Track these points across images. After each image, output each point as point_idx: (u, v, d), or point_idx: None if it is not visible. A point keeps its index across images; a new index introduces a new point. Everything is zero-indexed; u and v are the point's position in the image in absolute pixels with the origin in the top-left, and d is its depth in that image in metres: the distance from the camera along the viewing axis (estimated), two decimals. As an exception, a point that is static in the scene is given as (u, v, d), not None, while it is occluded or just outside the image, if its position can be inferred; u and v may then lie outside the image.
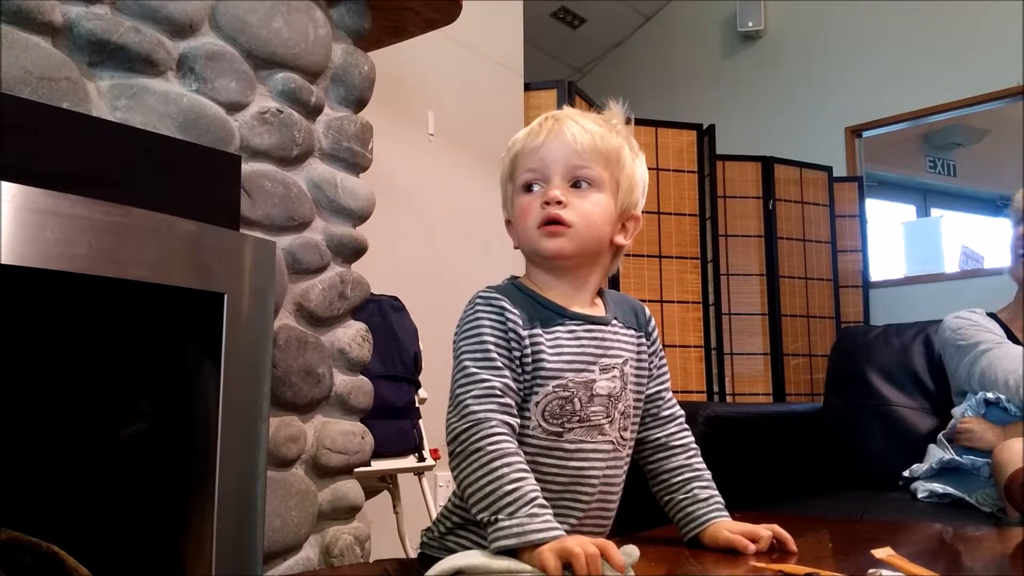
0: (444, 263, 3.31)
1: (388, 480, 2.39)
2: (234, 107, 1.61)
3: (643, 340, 1.24)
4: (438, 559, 1.13)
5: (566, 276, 1.19)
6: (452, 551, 1.13)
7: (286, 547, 1.66)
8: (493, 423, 1.02)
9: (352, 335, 1.86)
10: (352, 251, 1.86)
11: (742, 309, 4.65)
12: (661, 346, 1.30)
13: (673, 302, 4.31)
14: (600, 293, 1.23)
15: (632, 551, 0.94)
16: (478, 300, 1.14)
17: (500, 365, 1.07)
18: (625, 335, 1.21)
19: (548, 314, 1.15)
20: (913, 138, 6.02)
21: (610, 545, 0.92)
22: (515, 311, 1.12)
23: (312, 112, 1.78)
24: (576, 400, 1.12)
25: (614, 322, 1.20)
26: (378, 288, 2.11)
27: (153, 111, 1.46)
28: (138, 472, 1.48)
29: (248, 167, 1.63)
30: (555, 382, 1.12)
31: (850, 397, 2.39)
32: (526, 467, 1.01)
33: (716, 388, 4.43)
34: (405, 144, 3.16)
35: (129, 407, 1.54)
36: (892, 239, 5.87)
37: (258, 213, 1.64)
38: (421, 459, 2.36)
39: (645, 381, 1.24)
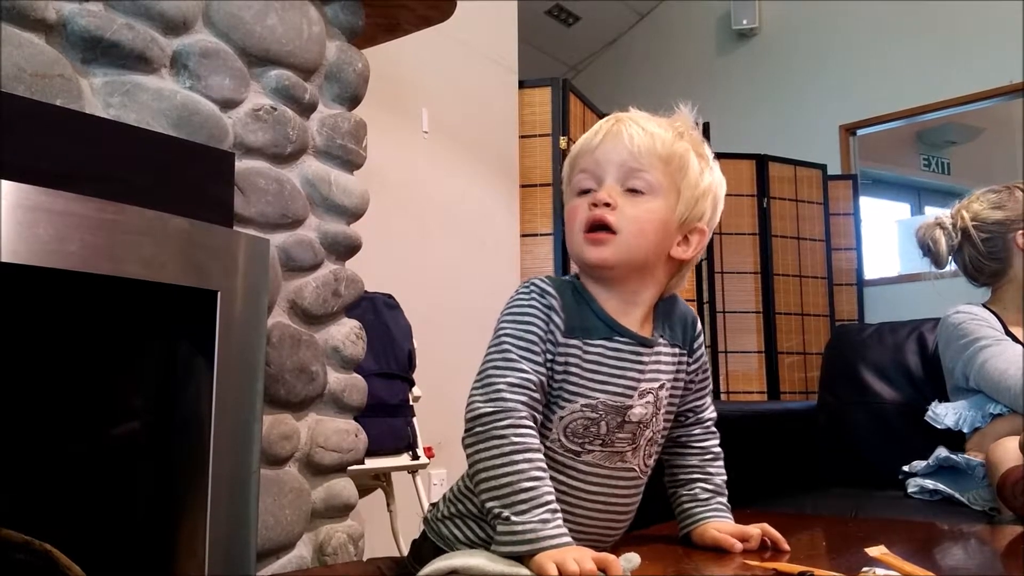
0: (438, 260, 3.30)
1: (382, 478, 2.39)
2: (228, 104, 1.61)
3: (684, 358, 1.18)
4: (433, 543, 1.13)
5: (614, 288, 1.12)
6: (445, 540, 1.12)
7: (279, 545, 1.66)
8: (523, 414, 0.99)
9: (346, 333, 1.85)
10: (346, 248, 1.86)
11: (736, 307, 4.66)
12: (706, 359, 1.25)
13: (667, 300, 4.31)
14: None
15: (632, 558, 0.93)
16: (534, 288, 1.08)
17: (540, 361, 1.03)
18: (667, 355, 1.15)
19: (597, 325, 1.09)
20: (907, 136, 6.03)
21: (612, 562, 0.91)
22: (561, 315, 1.07)
23: (306, 109, 1.78)
24: (603, 424, 1.08)
25: (660, 341, 1.14)
26: (372, 285, 2.10)
27: (146, 108, 1.46)
28: (131, 470, 1.48)
29: (242, 164, 1.63)
30: (584, 401, 1.07)
31: (844, 395, 2.38)
32: (545, 467, 0.99)
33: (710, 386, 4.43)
34: (399, 141, 3.16)
35: (122, 405, 1.54)
36: (886, 237, 5.88)
37: (251, 210, 1.63)
38: (415, 457, 2.36)
39: (678, 400, 1.19)
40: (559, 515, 0.96)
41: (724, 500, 1.20)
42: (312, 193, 1.79)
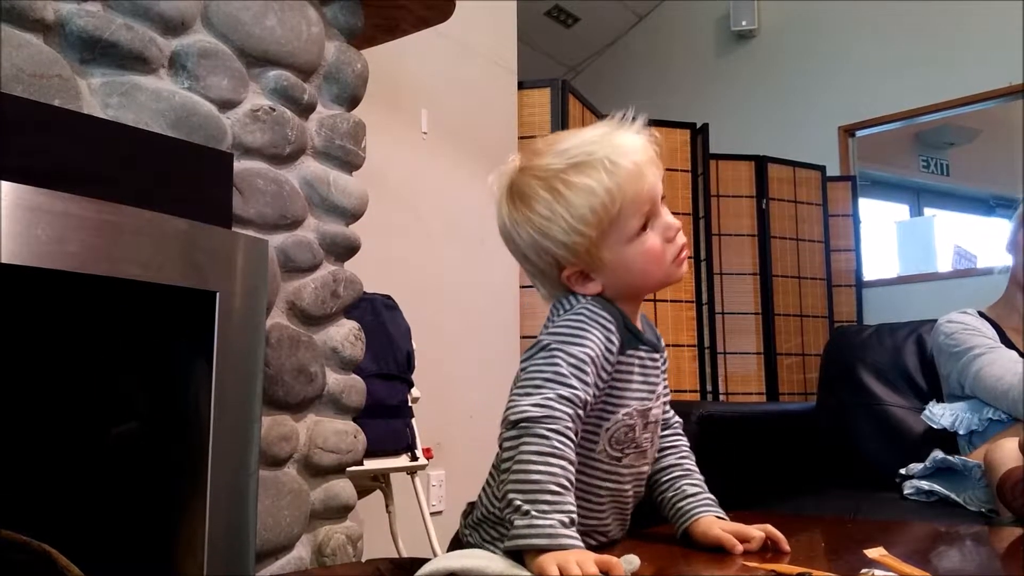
0: (437, 261, 3.30)
1: (381, 479, 2.39)
2: (226, 105, 1.61)
3: (659, 359, 1.23)
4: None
5: (637, 302, 1.19)
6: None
7: (278, 546, 1.66)
8: (567, 423, 1.00)
9: (345, 334, 1.85)
10: (345, 249, 1.86)
11: (735, 308, 4.66)
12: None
13: (666, 301, 4.31)
14: None
15: (633, 560, 0.94)
16: (586, 313, 1.10)
17: (589, 383, 1.05)
18: (661, 359, 1.22)
19: (629, 338, 1.13)
20: (906, 137, 6.03)
21: (614, 564, 0.92)
22: (617, 336, 1.10)
23: (305, 110, 1.78)
24: (637, 428, 1.14)
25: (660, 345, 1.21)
26: (371, 286, 2.10)
27: (145, 109, 1.46)
28: (130, 471, 1.48)
29: (240, 165, 1.62)
30: (624, 410, 1.12)
31: (843, 396, 2.39)
32: (573, 481, 1.00)
33: (709, 387, 4.43)
34: (398, 142, 3.16)
35: (121, 406, 1.54)
36: (885, 238, 5.88)
37: (250, 211, 1.63)
38: (414, 458, 2.36)
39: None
40: (575, 525, 0.97)
41: (708, 493, 1.23)
42: (311, 194, 1.79)
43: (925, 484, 1.89)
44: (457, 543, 1.21)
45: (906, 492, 1.92)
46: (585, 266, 1.12)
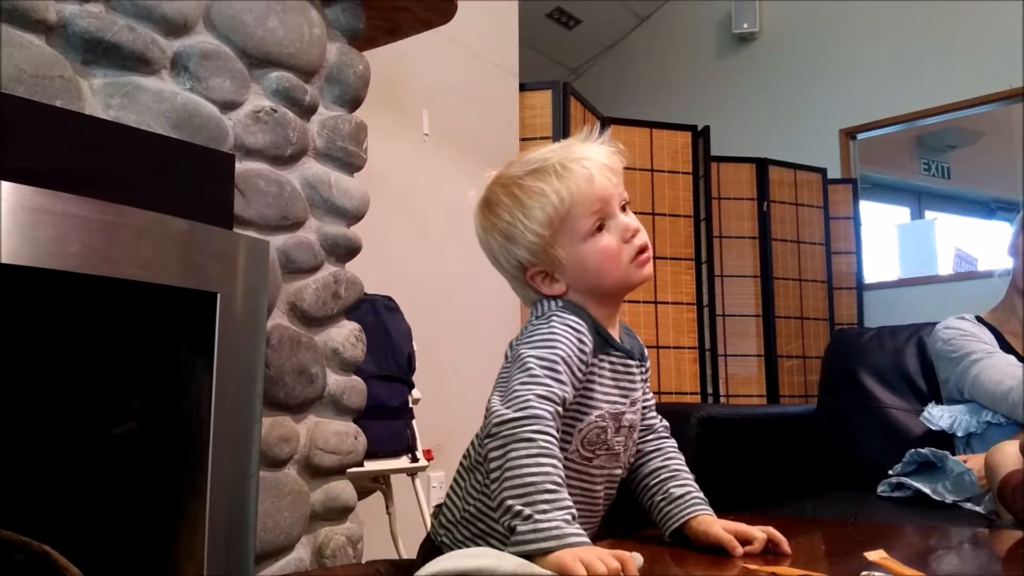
0: (438, 263, 3.30)
1: (381, 480, 2.38)
2: (228, 106, 1.61)
3: (641, 368, 1.25)
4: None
5: (611, 307, 1.21)
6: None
7: (278, 547, 1.66)
8: (549, 422, 1.02)
9: (345, 335, 1.85)
10: (346, 251, 1.86)
11: (736, 310, 4.66)
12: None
13: (667, 303, 4.31)
14: None
15: (637, 558, 0.95)
16: (555, 318, 1.13)
17: (564, 380, 1.07)
18: (639, 366, 1.23)
19: (602, 343, 1.16)
20: (907, 140, 6.03)
21: (627, 560, 0.93)
22: (589, 338, 1.13)
23: (306, 111, 1.78)
24: (609, 431, 1.16)
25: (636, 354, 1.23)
26: (372, 288, 2.10)
27: (147, 110, 1.46)
28: (130, 472, 1.47)
29: (242, 166, 1.63)
30: (596, 412, 1.15)
31: (844, 399, 2.39)
32: (564, 477, 1.01)
33: (710, 389, 4.43)
34: (399, 144, 3.16)
35: (121, 406, 1.54)
36: (886, 241, 5.88)
37: (252, 212, 1.63)
38: (414, 460, 2.36)
39: (646, 408, 1.28)
40: (576, 521, 0.98)
41: (697, 492, 1.23)
42: (312, 195, 1.79)
43: (895, 480, 1.90)
44: (431, 545, 1.23)
45: (880, 491, 1.93)
46: (545, 266, 1.17)
